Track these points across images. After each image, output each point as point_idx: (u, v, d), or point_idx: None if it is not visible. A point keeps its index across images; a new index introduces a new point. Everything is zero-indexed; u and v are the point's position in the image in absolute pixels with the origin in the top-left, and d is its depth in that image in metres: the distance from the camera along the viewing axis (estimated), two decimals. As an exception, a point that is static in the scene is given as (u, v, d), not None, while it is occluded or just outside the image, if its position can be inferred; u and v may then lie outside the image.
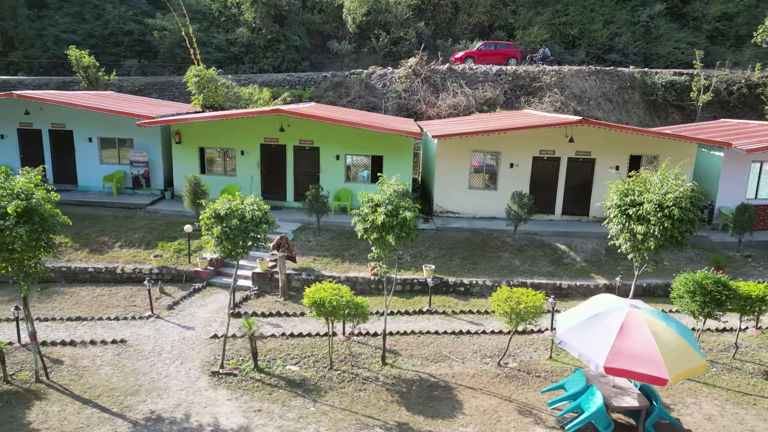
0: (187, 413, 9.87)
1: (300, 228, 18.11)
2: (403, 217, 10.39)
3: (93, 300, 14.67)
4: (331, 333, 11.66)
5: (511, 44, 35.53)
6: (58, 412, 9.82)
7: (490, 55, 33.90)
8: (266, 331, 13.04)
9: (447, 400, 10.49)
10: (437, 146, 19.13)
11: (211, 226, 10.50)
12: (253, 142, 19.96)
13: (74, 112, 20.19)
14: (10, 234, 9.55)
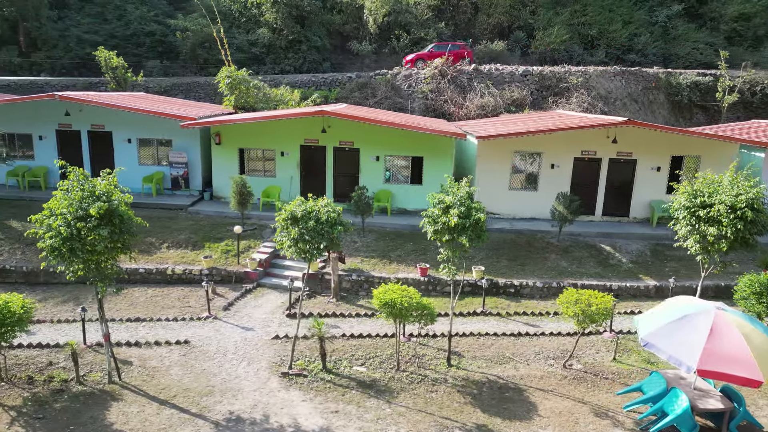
0: (266, 414, 9.91)
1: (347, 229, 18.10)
2: (477, 218, 10.42)
3: (147, 301, 14.74)
4: (399, 334, 11.69)
5: (463, 44, 34.66)
6: (138, 413, 9.87)
7: (441, 56, 32.80)
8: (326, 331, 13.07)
9: (520, 401, 10.51)
10: (478, 147, 19.13)
11: (287, 227, 10.53)
12: (293, 143, 20.00)
13: (114, 113, 20.26)
14: (93, 235, 9.63)
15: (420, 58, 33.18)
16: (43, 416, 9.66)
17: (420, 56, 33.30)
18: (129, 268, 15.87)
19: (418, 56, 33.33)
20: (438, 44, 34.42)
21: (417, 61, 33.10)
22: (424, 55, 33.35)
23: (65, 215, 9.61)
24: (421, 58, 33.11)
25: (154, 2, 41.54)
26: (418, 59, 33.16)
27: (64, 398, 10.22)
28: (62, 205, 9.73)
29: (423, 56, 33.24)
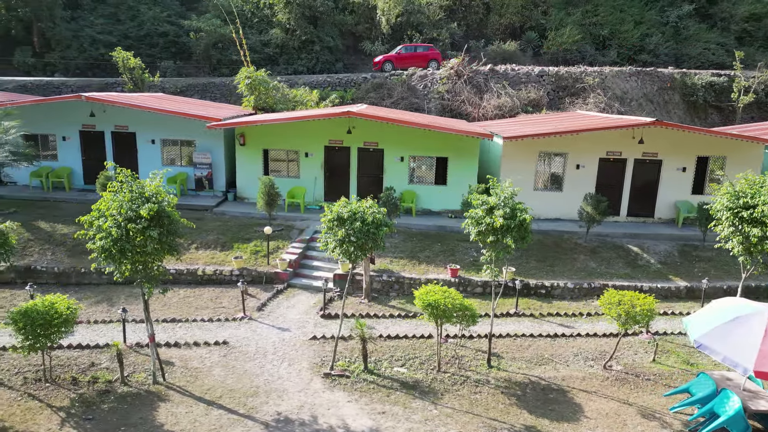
0: (314, 415, 9.93)
1: (370, 230, 18.14)
2: (522, 219, 10.43)
3: (180, 301, 14.76)
4: (440, 335, 11.70)
5: (432, 46, 34.43)
6: (186, 413, 9.89)
7: (409, 59, 32.97)
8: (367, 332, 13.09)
9: (565, 403, 10.52)
10: (503, 147, 19.13)
11: (333, 228, 10.55)
12: (318, 144, 20.02)
13: (137, 113, 20.29)
14: (143, 236, 9.66)
15: (388, 59, 32.98)
16: (93, 417, 9.69)
17: (388, 58, 33.09)
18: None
19: (386, 58, 33.11)
20: (406, 46, 34.17)
21: (385, 63, 32.88)
22: (393, 56, 33.07)
23: (115, 216, 9.63)
24: (389, 60, 32.92)
25: (167, 3, 41.56)
26: (386, 61, 32.93)
27: (110, 399, 10.24)
28: (112, 206, 9.75)
29: (391, 58, 33.03)
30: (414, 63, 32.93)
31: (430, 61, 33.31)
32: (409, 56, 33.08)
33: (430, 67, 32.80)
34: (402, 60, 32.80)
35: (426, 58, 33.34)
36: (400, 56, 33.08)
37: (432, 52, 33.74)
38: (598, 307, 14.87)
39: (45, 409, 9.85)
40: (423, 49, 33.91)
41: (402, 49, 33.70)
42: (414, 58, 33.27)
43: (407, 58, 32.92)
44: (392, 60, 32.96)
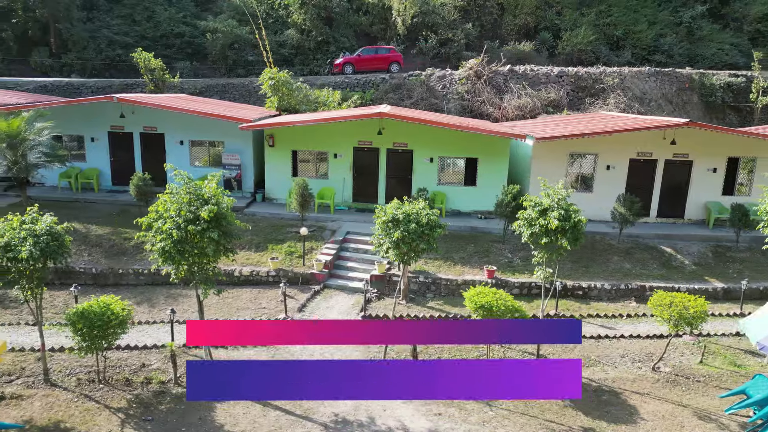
0: (370, 416, 9.95)
1: (402, 230, 18.17)
2: (578, 220, 10.45)
3: (220, 302, 14.77)
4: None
5: (393, 49, 34.06)
6: (243, 414, 9.93)
7: (370, 61, 32.51)
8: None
9: (619, 405, 10.53)
10: (533, 148, 19.14)
11: (388, 230, 10.57)
12: (347, 145, 20.04)
13: (166, 115, 20.34)
14: (202, 238, 9.69)
15: (348, 62, 32.55)
16: (152, 418, 9.73)
17: (348, 61, 32.65)
18: (197, 269, 15.97)
19: (347, 60, 32.62)
20: (366, 48, 33.72)
21: (345, 66, 32.44)
22: (353, 59, 32.60)
23: (174, 218, 9.67)
24: (349, 63, 32.50)
25: (183, 3, 41.65)
26: (346, 63, 32.48)
27: (166, 400, 10.29)
28: (171, 208, 9.79)
29: (351, 60, 32.56)
30: (375, 66, 32.53)
31: (392, 63, 32.94)
32: (369, 59, 32.66)
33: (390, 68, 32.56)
34: (363, 62, 32.26)
35: (387, 60, 33.01)
36: (361, 59, 32.64)
37: (393, 55, 33.43)
38: (636, 308, 15.01)
39: (103, 410, 9.89)
40: (384, 51, 33.51)
41: (362, 51, 33.34)
42: (375, 60, 32.86)
43: (368, 60, 32.48)
44: (353, 63, 32.49)
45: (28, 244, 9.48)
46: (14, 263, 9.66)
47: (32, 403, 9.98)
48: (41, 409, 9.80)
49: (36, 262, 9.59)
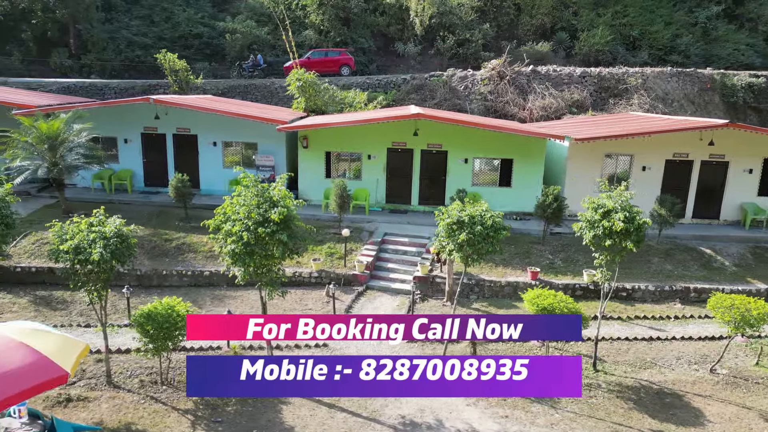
0: (438, 418, 9.95)
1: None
2: (643, 222, 10.44)
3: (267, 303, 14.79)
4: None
5: (344, 51, 33.57)
6: (311, 416, 9.94)
7: (320, 64, 31.87)
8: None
9: (683, 407, 10.52)
10: (569, 149, 19.11)
11: (453, 232, 10.57)
12: (381, 146, 20.05)
13: (199, 116, 20.36)
14: (271, 240, 9.71)
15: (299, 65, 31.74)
16: (222, 420, 9.75)
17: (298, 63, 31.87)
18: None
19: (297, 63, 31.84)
20: (316, 50, 33.37)
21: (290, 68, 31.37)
22: (303, 62, 31.99)
23: (244, 220, 9.68)
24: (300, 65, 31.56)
25: (200, 4, 41.72)
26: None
27: (232, 401, 10.30)
28: (240, 210, 9.80)
29: (301, 63, 31.76)
30: (325, 68, 31.98)
31: (342, 66, 32.54)
32: (319, 61, 32.15)
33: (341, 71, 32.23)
34: (313, 65, 31.36)
35: (338, 63, 32.66)
36: (311, 61, 31.99)
37: (344, 57, 32.98)
38: (681, 309, 15.00)
39: (171, 412, 9.91)
40: (335, 54, 33.09)
41: (311, 54, 32.95)
42: (325, 63, 32.39)
43: (318, 63, 31.93)
44: (302, 65, 31.56)
45: (99, 247, 9.51)
46: (83, 265, 9.68)
47: (99, 405, 10.00)
48: (109, 411, 9.83)
49: (106, 264, 9.61)
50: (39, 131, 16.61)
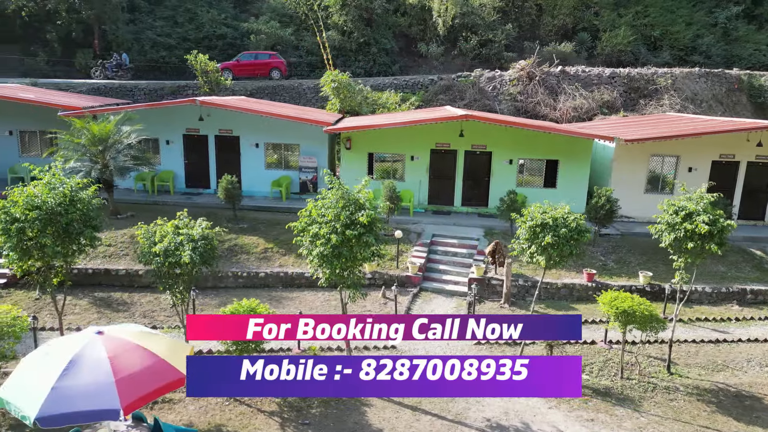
0: (523, 422, 9.94)
1: (486, 233, 18.15)
2: (727, 224, 10.41)
3: (324, 304, 14.83)
4: (625, 341, 11.67)
5: (275, 54, 33.28)
6: (396, 418, 9.93)
7: (249, 67, 31.76)
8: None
9: (763, 410, 10.49)
10: (615, 150, 19.08)
11: (536, 235, 10.55)
12: (424, 147, 20.04)
13: (241, 117, 20.38)
14: (358, 243, 9.71)
15: (227, 68, 31.50)
16: (309, 422, 9.75)
17: (227, 66, 31.62)
18: (294, 272, 16.02)
19: (224, 66, 31.53)
20: (245, 53, 33.03)
21: (224, 71, 31.07)
22: (232, 65, 31.72)
23: (331, 223, 9.69)
24: (228, 68, 31.47)
25: (222, 6, 41.77)
26: (224, 69, 31.25)
27: (314, 404, 10.30)
28: (327, 213, 9.81)
29: (230, 66, 31.65)
30: (255, 71, 31.89)
31: (272, 69, 32.17)
32: (249, 64, 31.91)
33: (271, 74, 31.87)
34: (242, 68, 31.53)
35: (268, 66, 32.25)
36: (240, 64, 31.90)
37: (274, 60, 32.55)
38: (739, 311, 14.95)
39: (257, 414, 9.92)
40: (265, 57, 32.65)
41: (241, 56, 32.56)
42: (255, 66, 32.11)
43: (247, 66, 31.74)
44: (231, 68, 31.68)
45: (188, 249, 9.52)
46: (170, 268, 9.70)
47: (185, 407, 10.02)
48: (197, 413, 9.84)
49: (195, 267, 9.63)
50: (91, 133, 16.65)
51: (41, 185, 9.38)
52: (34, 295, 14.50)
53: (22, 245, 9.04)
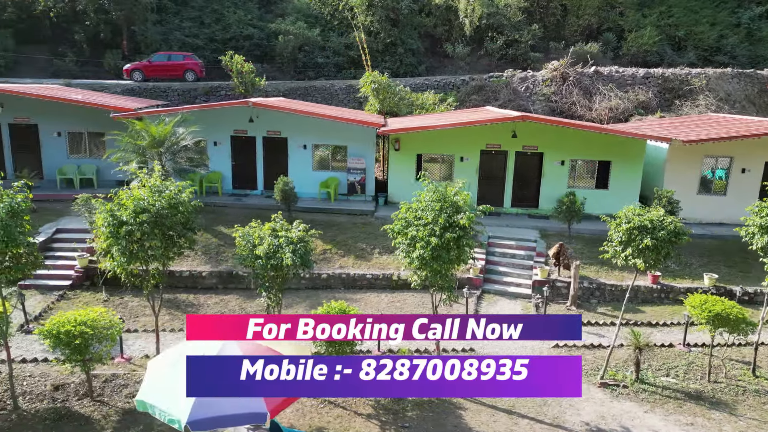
0: (623, 426, 9.88)
1: (542, 235, 18.08)
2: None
3: (389, 306, 14.80)
4: (713, 344, 11.59)
5: (190, 56, 32.31)
6: (494, 421, 9.89)
7: (162, 69, 30.97)
8: (594, 341, 13.06)
9: None
10: (669, 151, 19.00)
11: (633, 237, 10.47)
12: (474, 148, 19.99)
13: (290, 119, 20.36)
14: (457, 245, 9.67)
15: (137, 68, 30.90)
16: (408, 425, 9.72)
17: (137, 67, 31.03)
18: (357, 273, 16.00)
19: (135, 66, 30.93)
20: (158, 54, 32.34)
21: (134, 72, 30.65)
22: (144, 65, 31.08)
23: (430, 225, 9.65)
24: (138, 69, 30.87)
25: (248, 6, 41.82)
26: (134, 69, 30.72)
27: (407, 407, 10.26)
28: (426, 215, 9.77)
29: (140, 66, 31.03)
30: (168, 73, 31.14)
31: (186, 71, 31.26)
32: (161, 66, 31.07)
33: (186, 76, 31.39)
34: (154, 69, 30.78)
35: (182, 68, 31.35)
36: (152, 65, 31.09)
37: (189, 62, 31.61)
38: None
39: (354, 417, 9.89)
40: (178, 58, 31.71)
41: (153, 57, 31.79)
42: (168, 68, 31.25)
43: (159, 67, 30.97)
44: (142, 69, 30.85)
45: (289, 252, 9.50)
46: (267, 270, 9.68)
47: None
48: (295, 416, 9.82)
49: (296, 269, 9.61)
50: (151, 135, 16.66)
51: (146, 188, 9.38)
52: (102, 297, 14.53)
53: (130, 248, 9.04)
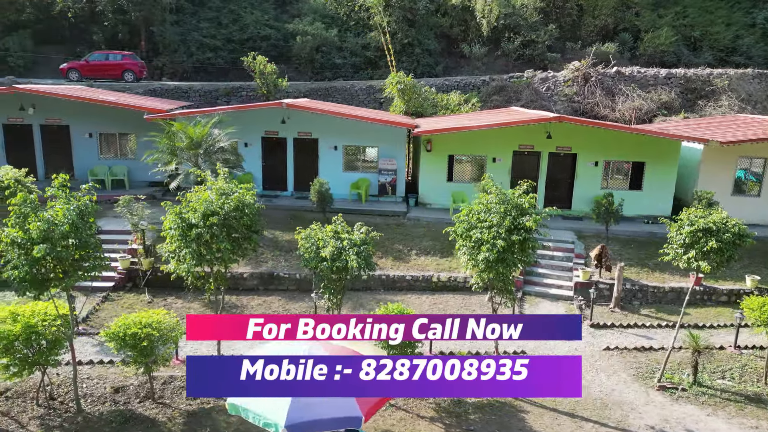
0: (687, 429, 9.83)
1: (580, 236, 18.02)
2: None
3: (432, 307, 14.78)
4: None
5: (130, 55, 31.69)
6: (558, 424, 9.85)
7: (99, 68, 30.11)
8: (644, 343, 13.01)
9: None
10: (704, 152, 18.93)
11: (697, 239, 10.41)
12: (506, 149, 19.93)
13: (321, 120, 20.34)
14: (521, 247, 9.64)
15: (73, 68, 29.95)
16: (474, 429, 9.68)
17: (74, 66, 30.07)
18: (396, 275, 15.98)
19: (71, 66, 30.03)
20: (96, 53, 31.48)
21: (70, 71, 29.75)
22: (81, 65, 30.18)
23: (495, 228, 9.62)
24: (75, 68, 29.92)
25: (264, 7, 41.83)
26: (71, 69, 29.82)
27: (470, 409, 10.23)
28: (490, 218, 9.74)
29: (76, 66, 30.12)
30: (106, 73, 30.33)
31: (125, 71, 30.47)
32: (99, 65, 30.22)
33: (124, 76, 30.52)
34: (91, 69, 29.94)
35: (120, 68, 30.51)
36: (89, 65, 30.13)
37: (128, 62, 30.84)
38: None
39: (417, 420, 9.86)
40: (117, 57, 30.89)
41: (90, 56, 30.85)
42: (105, 67, 30.43)
43: (97, 67, 30.12)
44: (78, 68, 29.95)
45: (353, 254, 9.48)
46: (336, 272, 9.66)
47: (344, 412, 9.97)
48: (359, 419, 9.79)
49: (359, 271, 9.59)
50: (188, 136, 16.66)
51: (214, 191, 9.37)
52: (146, 298, 14.53)
53: (199, 250, 9.03)
